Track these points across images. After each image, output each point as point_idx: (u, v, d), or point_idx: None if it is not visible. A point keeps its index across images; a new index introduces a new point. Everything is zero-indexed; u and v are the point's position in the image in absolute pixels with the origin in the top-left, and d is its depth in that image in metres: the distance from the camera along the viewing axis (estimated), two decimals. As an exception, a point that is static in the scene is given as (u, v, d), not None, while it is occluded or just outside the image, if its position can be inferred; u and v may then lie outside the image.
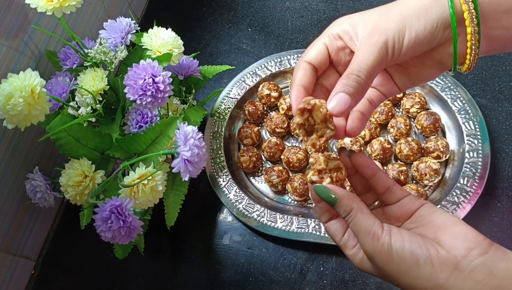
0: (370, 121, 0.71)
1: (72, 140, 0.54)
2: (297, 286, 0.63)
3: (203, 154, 0.50)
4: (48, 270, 0.69)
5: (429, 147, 0.66)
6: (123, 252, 0.59)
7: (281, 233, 0.64)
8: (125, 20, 0.61)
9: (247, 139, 0.72)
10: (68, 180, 0.53)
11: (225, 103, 0.76)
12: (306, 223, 0.64)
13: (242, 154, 0.71)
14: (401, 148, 0.67)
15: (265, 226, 0.65)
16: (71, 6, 0.53)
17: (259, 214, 0.66)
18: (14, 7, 0.57)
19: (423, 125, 0.68)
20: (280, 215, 0.66)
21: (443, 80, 0.71)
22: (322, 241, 0.63)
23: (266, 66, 0.78)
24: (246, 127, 0.73)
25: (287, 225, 0.65)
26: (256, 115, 0.74)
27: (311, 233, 0.64)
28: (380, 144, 0.67)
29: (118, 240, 0.50)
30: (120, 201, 0.49)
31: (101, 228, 0.49)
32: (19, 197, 0.63)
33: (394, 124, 0.69)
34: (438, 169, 0.64)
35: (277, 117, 0.72)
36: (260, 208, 0.67)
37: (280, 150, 0.71)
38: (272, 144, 0.71)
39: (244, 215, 0.66)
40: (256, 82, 0.77)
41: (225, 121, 0.74)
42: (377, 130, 0.70)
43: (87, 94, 0.56)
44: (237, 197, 0.68)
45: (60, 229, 0.72)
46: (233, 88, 0.77)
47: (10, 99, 0.46)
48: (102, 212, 0.49)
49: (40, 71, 0.49)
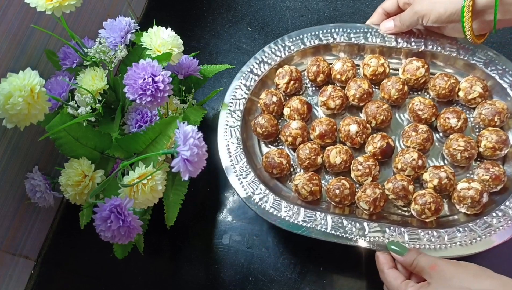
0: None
1: (72, 140, 0.54)
2: (297, 286, 0.63)
3: (202, 154, 0.50)
4: (47, 270, 0.69)
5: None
6: (123, 252, 0.59)
7: (282, 223, 0.59)
8: (124, 20, 0.60)
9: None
10: (68, 180, 0.53)
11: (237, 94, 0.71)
12: (313, 216, 0.60)
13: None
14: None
15: (266, 212, 0.60)
16: (70, 5, 0.53)
17: (261, 197, 0.61)
18: (13, 7, 0.57)
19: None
20: (286, 204, 0.61)
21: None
22: (328, 238, 0.58)
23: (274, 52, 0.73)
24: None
25: (292, 215, 0.60)
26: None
27: (317, 229, 0.59)
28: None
29: (117, 239, 0.50)
30: (120, 200, 0.49)
31: (101, 227, 0.49)
32: (19, 197, 0.63)
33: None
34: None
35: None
36: (265, 190, 0.62)
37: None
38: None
39: (245, 192, 0.62)
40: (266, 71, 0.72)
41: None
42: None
43: (86, 93, 0.56)
44: (242, 171, 0.63)
45: (59, 229, 0.71)
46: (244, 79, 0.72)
47: (10, 99, 0.46)
48: (101, 211, 0.49)
49: (39, 71, 0.49)
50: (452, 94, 0.67)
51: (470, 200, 0.58)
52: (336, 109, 0.68)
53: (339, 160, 0.63)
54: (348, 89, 0.69)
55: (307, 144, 0.65)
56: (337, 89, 0.68)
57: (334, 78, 0.71)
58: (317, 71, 0.70)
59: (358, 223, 0.59)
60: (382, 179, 0.64)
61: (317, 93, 0.72)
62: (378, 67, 0.69)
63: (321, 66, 0.70)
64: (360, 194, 0.60)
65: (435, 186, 0.60)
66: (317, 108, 0.71)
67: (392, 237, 0.57)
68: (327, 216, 0.59)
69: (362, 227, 0.58)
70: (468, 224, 0.58)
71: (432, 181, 0.60)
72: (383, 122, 0.66)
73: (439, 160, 0.66)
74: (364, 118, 0.68)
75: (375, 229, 0.58)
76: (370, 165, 0.62)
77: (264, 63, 0.72)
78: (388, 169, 0.66)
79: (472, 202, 0.58)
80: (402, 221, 0.61)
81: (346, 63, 0.70)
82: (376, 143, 0.64)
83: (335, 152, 0.63)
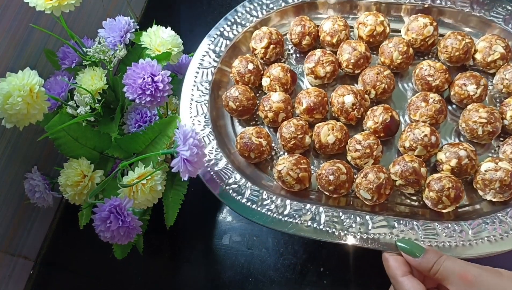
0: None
1: (71, 140, 0.54)
2: (297, 286, 0.63)
3: (202, 154, 0.50)
4: (47, 270, 0.68)
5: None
6: (122, 252, 0.59)
7: (263, 219, 0.49)
8: (124, 19, 0.60)
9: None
10: (67, 180, 0.53)
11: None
12: (302, 210, 0.50)
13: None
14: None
15: (242, 206, 0.50)
16: (69, 4, 0.53)
17: (236, 188, 0.51)
18: (13, 6, 0.57)
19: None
20: (267, 195, 0.51)
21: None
22: (321, 237, 0.49)
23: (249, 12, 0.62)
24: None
25: (275, 209, 0.50)
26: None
27: (307, 225, 0.49)
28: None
29: (117, 240, 0.50)
30: (119, 201, 0.49)
31: (100, 228, 0.49)
32: (18, 197, 0.63)
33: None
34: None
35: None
36: (240, 179, 0.52)
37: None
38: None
39: (214, 182, 0.51)
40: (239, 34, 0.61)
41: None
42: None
43: (85, 93, 0.56)
44: (211, 156, 0.53)
45: (59, 229, 0.71)
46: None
47: (9, 98, 0.46)
48: (101, 212, 0.49)
49: (39, 70, 0.49)
50: (467, 57, 0.56)
51: (498, 184, 0.48)
52: (327, 78, 0.56)
53: (332, 138, 0.52)
54: (341, 53, 0.57)
55: (292, 120, 0.54)
56: (328, 53, 0.57)
57: (323, 41, 0.59)
58: (302, 32, 0.58)
59: (359, 217, 0.49)
60: (385, 162, 0.54)
61: (302, 61, 0.60)
62: (377, 26, 0.57)
63: (307, 27, 0.58)
64: (360, 180, 0.50)
65: (453, 168, 0.50)
66: (303, 79, 0.59)
67: (402, 233, 0.47)
68: (319, 209, 0.50)
69: (364, 221, 0.49)
70: (497, 215, 0.47)
71: (449, 162, 0.50)
72: (384, 92, 0.55)
73: (454, 138, 0.55)
74: (362, 87, 0.56)
75: (381, 224, 0.48)
76: (371, 144, 0.51)
77: (237, 24, 0.61)
78: (391, 150, 0.55)
79: (501, 186, 0.47)
80: (411, 213, 0.51)
81: (337, 22, 0.58)
82: (377, 117, 0.53)
83: (327, 129, 0.52)
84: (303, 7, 0.62)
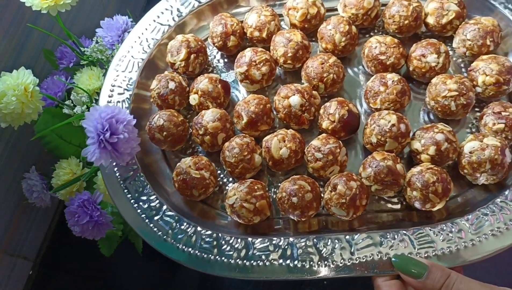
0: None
1: (56, 138, 0.54)
2: (297, 286, 0.62)
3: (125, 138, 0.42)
4: (46, 271, 0.68)
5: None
6: (108, 249, 0.58)
7: (224, 269, 0.41)
8: (121, 18, 0.60)
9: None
10: (58, 180, 0.54)
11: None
12: (268, 247, 0.41)
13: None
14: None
15: (195, 259, 0.42)
16: (65, 4, 0.53)
17: (185, 239, 0.42)
18: (11, 6, 0.57)
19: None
20: (222, 237, 0.42)
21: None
22: (299, 276, 0.41)
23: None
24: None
25: (235, 254, 0.41)
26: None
27: (278, 264, 0.40)
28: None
29: (87, 235, 0.50)
30: (88, 195, 0.49)
31: (70, 222, 0.50)
32: (17, 197, 0.63)
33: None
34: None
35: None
36: (187, 227, 0.43)
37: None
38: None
39: (155, 236, 0.43)
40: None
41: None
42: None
43: (83, 92, 0.56)
44: (146, 205, 0.44)
45: (57, 230, 0.71)
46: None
47: (3, 98, 0.47)
48: (70, 206, 0.49)
49: (37, 70, 0.49)
50: (418, 24, 0.49)
51: (489, 165, 0.41)
52: (265, 81, 0.49)
53: (285, 152, 0.44)
54: (274, 48, 0.49)
55: (234, 140, 0.45)
56: (259, 51, 0.49)
57: (252, 38, 0.51)
58: (225, 32, 0.50)
59: (338, 241, 0.41)
60: (353, 167, 0.47)
61: (232, 66, 0.52)
62: (309, 8, 0.49)
63: (229, 25, 0.50)
64: (330, 194, 0.43)
65: (433, 157, 0.43)
66: (238, 87, 0.51)
67: (392, 250, 0.39)
68: (289, 240, 0.41)
69: (345, 244, 0.41)
70: (496, 201, 0.40)
71: (426, 150, 0.43)
72: (334, 83, 0.47)
73: (423, 120, 0.48)
74: (307, 83, 0.48)
75: (365, 243, 0.41)
76: (332, 149, 0.43)
77: (147, 40, 0.52)
78: (357, 150, 0.48)
79: (493, 167, 0.41)
80: (395, 221, 0.44)
81: (263, 13, 0.50)
82: (332, 114, 0.45)
83: (277, 142, 0.44)
84: (221, 3, 0.53)
